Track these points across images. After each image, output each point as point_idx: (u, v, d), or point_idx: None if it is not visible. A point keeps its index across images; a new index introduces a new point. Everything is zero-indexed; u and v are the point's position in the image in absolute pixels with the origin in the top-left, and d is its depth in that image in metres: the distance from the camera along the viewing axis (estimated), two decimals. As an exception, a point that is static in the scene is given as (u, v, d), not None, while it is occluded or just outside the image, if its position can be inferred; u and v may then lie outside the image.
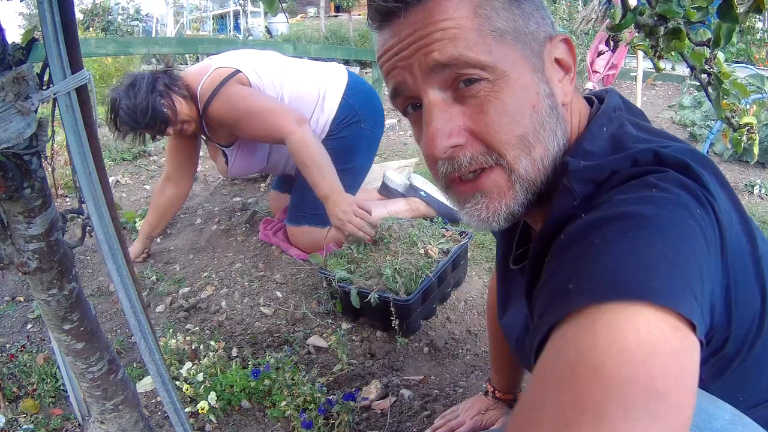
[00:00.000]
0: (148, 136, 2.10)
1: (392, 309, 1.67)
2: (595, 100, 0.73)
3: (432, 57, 0.60)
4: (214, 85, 2.02)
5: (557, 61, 0.66)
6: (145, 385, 1.56)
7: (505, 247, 0.89)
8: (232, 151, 2.24)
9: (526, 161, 0.62)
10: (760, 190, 2.93)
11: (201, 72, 2.09)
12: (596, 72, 3.99)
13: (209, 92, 2.03)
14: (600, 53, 3.73)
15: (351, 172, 2.27)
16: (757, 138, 1.01)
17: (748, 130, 1.00)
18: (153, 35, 11.73)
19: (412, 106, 0.66)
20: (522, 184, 0.63)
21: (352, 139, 2.23)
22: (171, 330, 1.78)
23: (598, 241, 0.50)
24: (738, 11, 0.72)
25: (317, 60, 2.67)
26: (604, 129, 0.66)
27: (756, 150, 1.04)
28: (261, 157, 2.31)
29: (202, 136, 2.26)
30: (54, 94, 0.69)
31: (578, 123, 0.69)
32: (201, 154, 2.50)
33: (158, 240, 2.52)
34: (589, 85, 4.06)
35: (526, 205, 0.64)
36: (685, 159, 0.56)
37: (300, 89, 2.17)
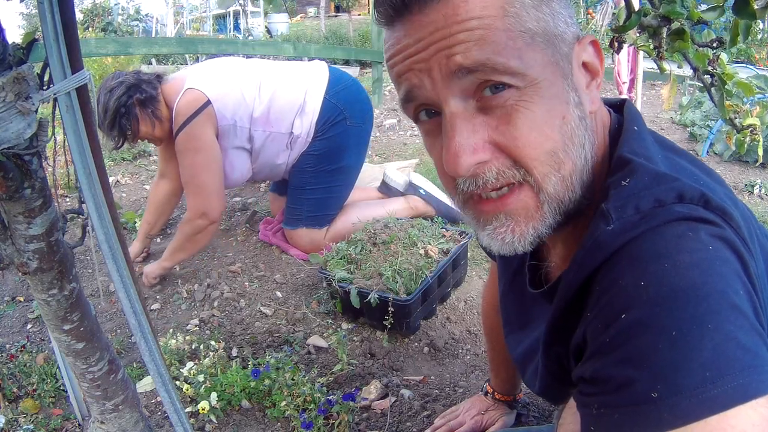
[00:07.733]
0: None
1: (390, 309, 1.67)
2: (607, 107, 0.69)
3: (455, 60, 0.53)
4: (188, 113, 2.01)
5: (584, 65, 0.61)
6: (145, 385, 1.56)
7: (515, 265, 0.85)
8: None
9: (555, 178, 0.57)
10: (760, 190, 2.93)
11: (176, 87, 2.08)
12: (624, 82, 3.94)
13: (182, 119, 2.02)
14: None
15: (342, 171, 2.27)
16: (762, 139, 1.01)
17: (751, 132, 1.00)
18: (153, 35, 11.73)
19: (426, 112, 0.60)
20: (551, 204, 0.58)
21: (340, 138, 2.21)
22: (171, 330, 1.78)
23: (663, 333, 0.48)
24: (755, 6, 0.71)
25: (316, 60, 2.66)
26: (635, 128, 0.62)
27: (761, 151, 1.04)
28: (241, 173, 2.24)
29: None
30: (54, 94, 0.69)
31: (603, 132, 0.65)
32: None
33: (158, 240, 2.51)
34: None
35: (554, 227, 0.59)
36: (727, 207, 0.54)
37: (278, 98, 2.14)
